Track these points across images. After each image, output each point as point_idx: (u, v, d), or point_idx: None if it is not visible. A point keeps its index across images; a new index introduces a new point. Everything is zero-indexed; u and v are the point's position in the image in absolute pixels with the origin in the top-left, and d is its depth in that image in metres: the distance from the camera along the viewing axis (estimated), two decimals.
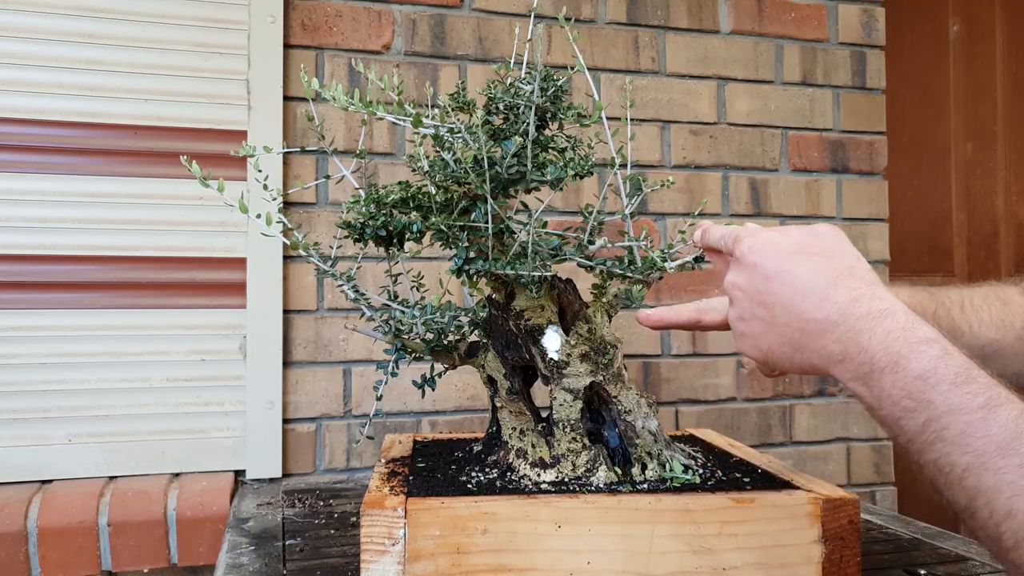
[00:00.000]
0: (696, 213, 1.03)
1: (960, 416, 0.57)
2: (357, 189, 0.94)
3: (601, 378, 0.89)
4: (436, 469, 0.94)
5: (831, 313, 0.65)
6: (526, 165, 0.84)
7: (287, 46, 1.47)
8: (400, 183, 0.91)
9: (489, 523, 0.77)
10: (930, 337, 0.62)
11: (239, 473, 1.43)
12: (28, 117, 1.35)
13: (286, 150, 1.43)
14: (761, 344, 0.72)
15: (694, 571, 0.78)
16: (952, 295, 0.93)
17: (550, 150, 0.89)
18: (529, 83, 0.84)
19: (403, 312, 0.91)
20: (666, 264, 0.92)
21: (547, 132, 0.89)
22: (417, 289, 0.99)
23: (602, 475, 0.86)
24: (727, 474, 0.91)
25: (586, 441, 0.88)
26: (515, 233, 0.85)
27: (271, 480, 1.42)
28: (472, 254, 0.86)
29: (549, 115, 0.87)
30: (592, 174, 0.88)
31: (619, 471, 0.87)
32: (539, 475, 0.86)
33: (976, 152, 2.09)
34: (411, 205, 0.87)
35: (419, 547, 0.76)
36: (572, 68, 0.88)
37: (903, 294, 0.89)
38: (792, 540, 0.80)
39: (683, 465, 0.89)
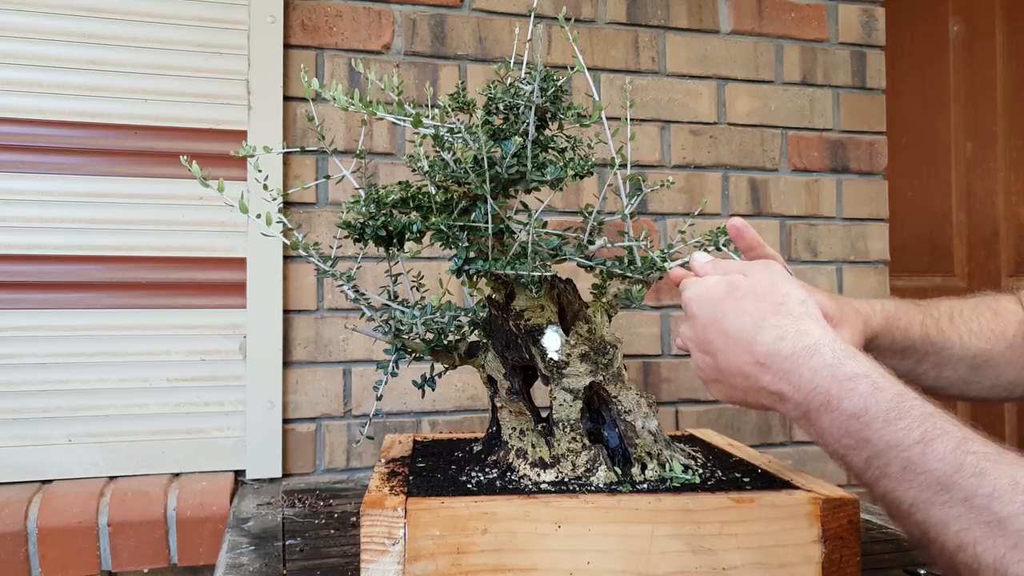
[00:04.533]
0: (696, 213, 1.03)
1: (899, 453, 0.57)
2: (357, 189, 0.94)
3: (601, 378, 0.90)
4: (436, 469, 0.94)
5: (760, 355, 0.66)
6: (526, 165, 0.84)
7: (287, 46, 1.47)
8: (400, 183, 0.91)
9: (489, 523, 0.77)
10: (858, 372, 0.61)
11: (239, 473, 1.43)
12: (28, 117, 1.35)
13: (286, 150, 1.43)
14: (723, 389, 0.73)
15: (694, 571, 0.78)
16: (942, 307, 0.93)
17: (550, 150, 0.89)
18: (529, 83, 0.84)
19: (403, 312, 0.91)
20: (666, 264, 0.92)
21: (547, 132, 0.89)
22: (417, 289, 0.99)
23: (602, 475, 0.86)
24: (727, 474, 0.91)
25: (586, 441, 0.88)
26: (515, 233, 0.85)
27: (271, 480, 1.42)
28: (472, 254, 0.86)
29: (549, 115, 0.87)
30: (592, 174, 0.88)
31: (619, 471, 0.87)
32: (539, 475, 0.86)
33: (976, 152, 2.09)
34: (411, 205, 0.87)
35: (419, 547, 0.76)
36: (572, 68, 0.88)
37: (889, 306, 0.90)
38: (792, 540, 0.80)
39: (683, 465, 0.89)
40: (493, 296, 0.94)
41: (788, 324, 0.66)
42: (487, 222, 0.83)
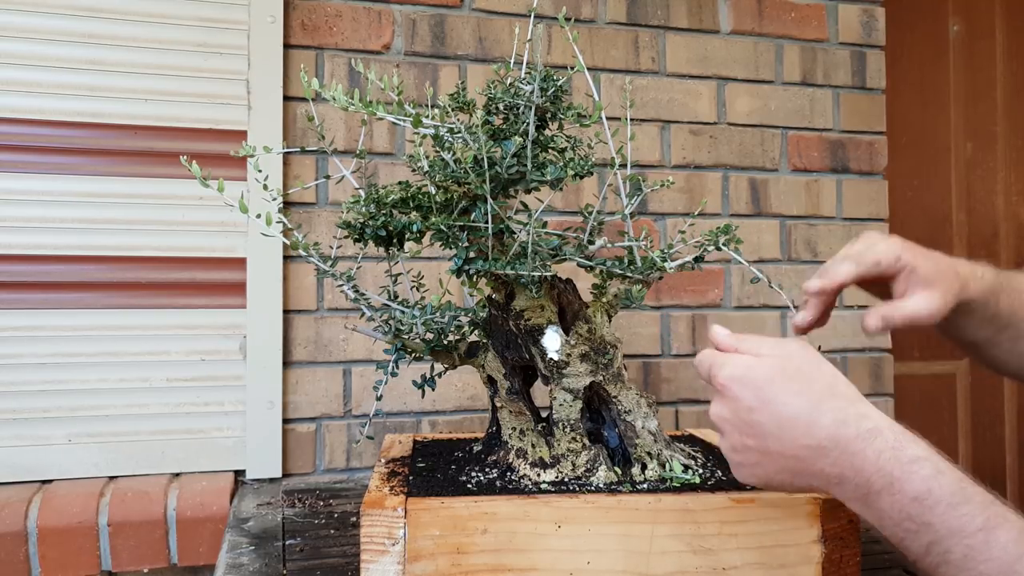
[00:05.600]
0: (696, 213, 1.03)
1: (961, 540, 0.58)
2: (357, 189, 0.94)
3: (601, 378, 0.90)
4: (436, 469, 0.94)
5: (822, 439, 0.65)
6: (526, 165, 0.84)
7: (287, 46, 1.47)
8: (400, 183, 0.91)
9: (489, 523, 0.77)
10: (920, 456, 0.62)
11: (239, 473, 1.43)
12: (28, 117, 1.35)
13: (286, 150, 1.43)
14: (758, 472, 0.71)
15: (694, 571, 0.78)
16: (1022, 278, 0.89)
17: (550, 150, 0.89)
18: (529, 83, 0.84)
19: (403, 312, 0.91)
20: (666, 264, 0.92)
21: (547, 132, 0.89)
22: (417, 289, 0.99)
23: (602, 475, 0.86)
24: (727, 474, 0.91)
25: (586, 441, 0.88)
26: (515, 233, 0.85)
27: (271, 480, 1.42)
28: (472, 254, 0.86)
29: (549, 115, 0.87)
30: (592, 174, 0.88)
31: (619, 471, 0.87)
32: (539, 475, 0.86)
33: (976, 152, 2.09)
34: (411, 205, 0.87)
35: (419, 547, 0.76)
36: (572, 68, 0.88)
37: (989, 275, 0.86)
38: (792, 540, 0.80)
39: (683, 465, 0.89)
40: (493, 296, 0.94)
41: (847, 407, 0.66)
42: (487, 222, 0.83)
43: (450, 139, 0.83)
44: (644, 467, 0.88)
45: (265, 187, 0.89)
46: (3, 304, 1.33)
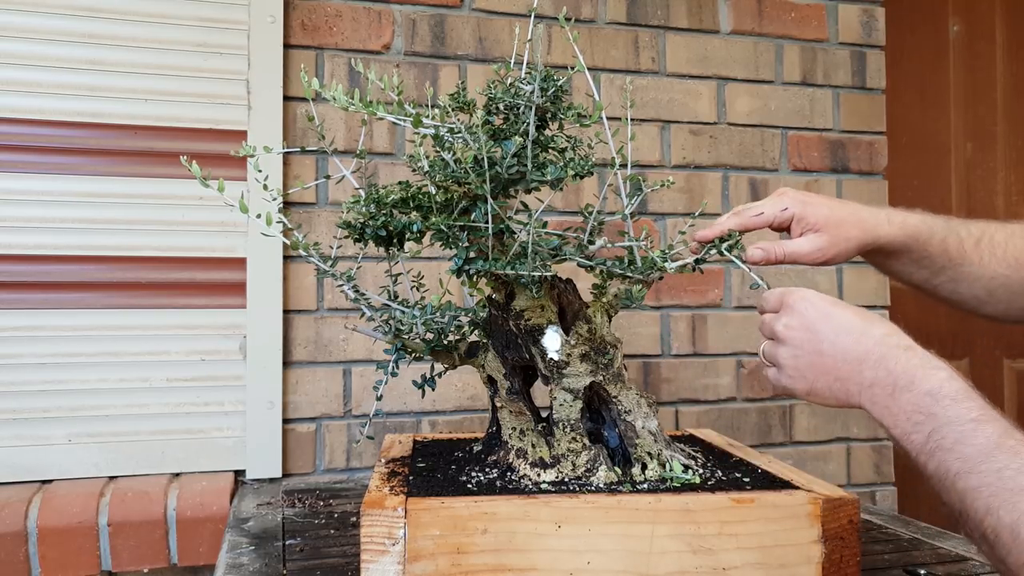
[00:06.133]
0: (696, 213, 1.03)
1: (955, 427, 0.67)
2: (357, 189, 0.94)
3: (601, 378, 0.90)
4: (436, 469, 0.94)
5: (870, 347, 0.76)
6: (526, 165, 0.84)
7: (287, 46, 1.47)
8: (400, 183, 0.91)
9: (489, 523, 0.77)
10: (941, 365, 0.73)
11: (239, 473, 1.43)
12: (28, 117, 1.35)
13: (286, 150, 1.43)
14: (808, 375, 0.80)
15: (694, 571, 0.78)
16: (972, 228, 0.99)
17: (550, 150, 0.89)
18: (529, 83, 0.84)
19: (403, 312, 0.91)
20: (666, 264, 0.92)
21: (547, 132, 0.89)
22: (417, 289, 0.99)
23: (602, 475, 0.86)
24: (727, 474, 0.91)
25: (586, 441, 0.88)
26: (515, 233, 0.85)
27: (271, 480, 1.42)
28: (472, 254, 0.86)
29: (549, 115, 0.87)
30: (592, 174, 0.88)
31: (619, 471, 0.87)
32: (539, 475, 0.86)
33: (976, 152, 2.09)
34: (411, 205, 0.87)
35: (419, 547, 0.76)
36: (572, 68, 0.88)
37: (913, 219, 0.96)
38: (792, 540, 0.80)
39: (683, 465, 0.89)
40: (493, 296, 0.94)
41: (894, 329, 0.78)
42: (487, 222, 0.83)
43: (450, 139, 0.83)
44: (644, 467, 0.88)
45: (265, 187, 0.89)
46: (3, 304, 1.33)
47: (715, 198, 1.70)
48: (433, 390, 0.96)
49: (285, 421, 1.44)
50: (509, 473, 0.88)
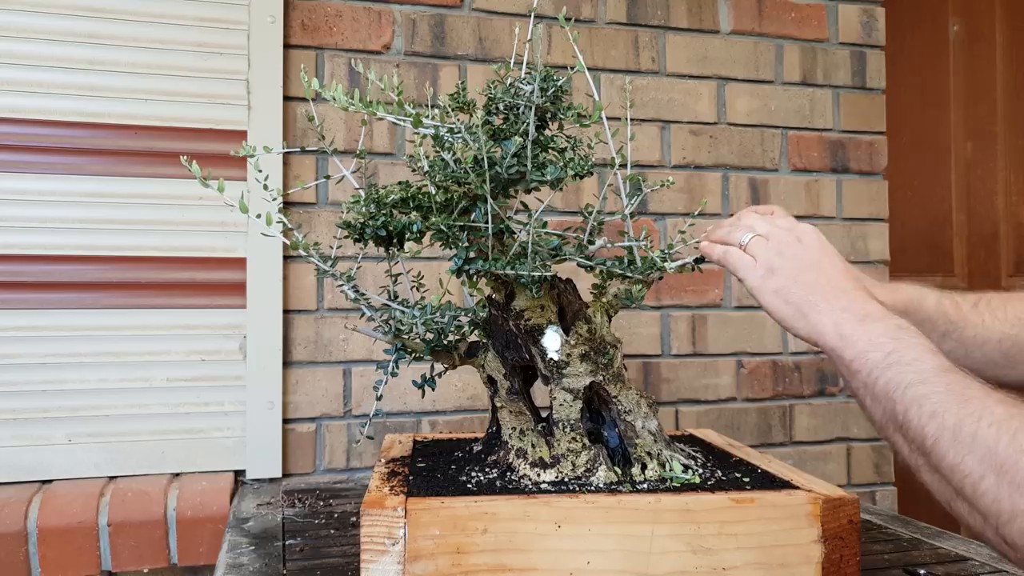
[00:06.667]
0: (696, 213, 1.03)
1: (918, 351, 0.70)
2: (357, 189, 0.94)
3: (601, 378, 0.90)
4: (436, 469, 0.94)
5: (856, 287, 0.78)
6: (526, 165, 0.84)
7: (287, 46, 1.47)
8: (400, 183, 0.91)
9: (489, 523, 0.77)
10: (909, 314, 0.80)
11: (239, 473, 1.43)
12: (28, 117, 1.35)
13: (286, 150, 1.43)
14: (782, 274, 0.81)
15: (694, 571, 0.78)
16: (968, 295, 0.98)
17: (550, 150, 0.89)
18: (529, 83, 0.84)
19: (403, 312, 0.91)
20: (666, 264, 0.92)
21: (547, 132, 0.89)
22: (417, 289, 0.99)
23: (602, 475, 0.86)
24: (727, 474, 0.91)
25: (586, 441, 0.88)
26: (515, 233, 0.85)
27: (271, 480, 1.42)
28: (472, 254, 0.86)
29: (549, 115, 0.87)
30: (592, 174, 0.88)
31: (619, 471, 0.87)
32: (539, 475, 0.86)
33: (976, 152, 2.09)
34: (411, 205, 0.87)
35: (419, 547, 0.76)
36: (572, 68, 0.88)
37: (902, 285, 0.97)
38: (792, 540, 0.80)
39: (683, 465, 0.89)
40: (493, 296, 0.94)
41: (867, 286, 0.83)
42: (487, 222, 0.83)
43: (450, 139, 0.83)
44: (644, 467, 0.88)
45: (265, 187, 0.89)
46: (3, 304, 1.33)
47: (715, 198, 1.70)
48: (433, 390, 0.96)
49: (285, 421, 1.44)
50: (509, 473, 0.88)
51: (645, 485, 0.85)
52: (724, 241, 0.87)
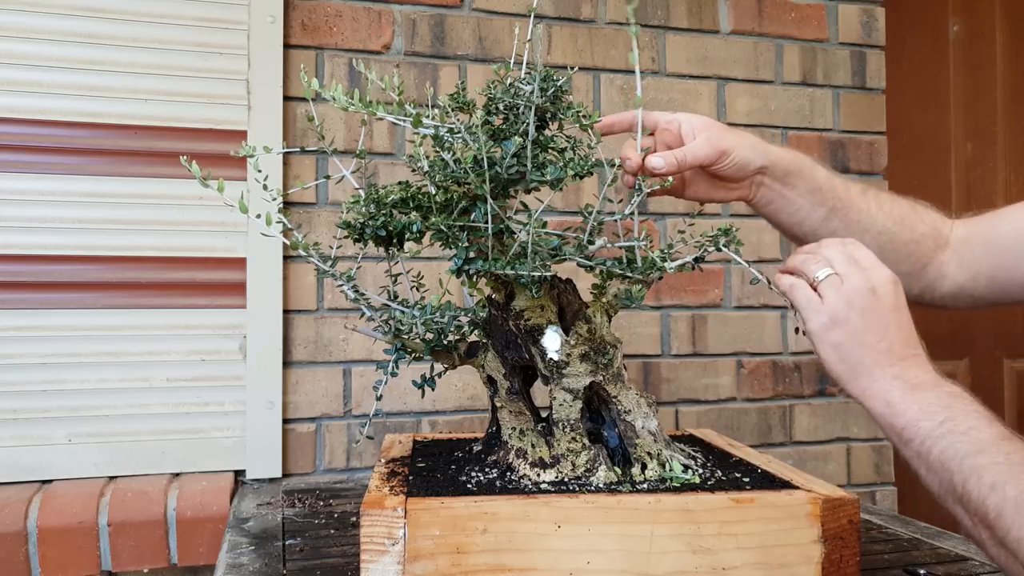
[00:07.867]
0: (696, 213, 1.03)
1: (971, 418, 0.69)
2: (357, 189, 0.94)
3: (601, 378, 0.90)
4: (436, 469, 0.94)
5: (916, 350, 0.77)
6: (526, 165, 0.84)
7: (287, 46, 1.47)
8: (400, 183, 0.91)
9: (489, 523, 0.77)
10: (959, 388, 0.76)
11: (239, 473, 1.43)
12: (28, 117, 1.35)
13: (286, 150, 1.43)
14: (849, 323, 0.77)
15: (694, 571, 0.78)
16: (858, 183, 0.98)
17: (550, 150, 0.89)
18: (529, 83, 0.84)
19: (403, 312, 0.91)
20: (666, 264, 0.92)
21: (547, 132, 0.89)
22: (417, 289, 0.99)
23: (602, 475, 0.86)
24: (727, 474, 0.91)
25: (586, 441, 0.88)
26: (515, 233, 0.85)
27: (271, 480, 1.42)
28: (472, 254, 0.86)
29: (549, 115, 0.87)
30: (592, 174, 0.88)
31: (619, 471, 0.87)
32: (539, 475, 0.86)
33: (976, 152, 2.09)
34: (411, 205, 0.87)
35: (419, 547, 0.76)
36: (572, 68, 0.88)
37: (801, 156, 0.96)
38: (792, 540, 0.80)
39: (683, 465, 0.89)
40: (493, 296, 0.94)
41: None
42: (487, 222, 0.83)
43: (450, 139, 0.83)
44: (644, 467, 0.88)
45: (265, 187, 0.89)
46: (3, 304, 1.33)
47: None
48: (433, 390, 0.96)
49: (285, 421, 1.44)
50: (509, 473, 0.88)
51: (645, 485, 0.85)
52: (798, 270, 0.83)
